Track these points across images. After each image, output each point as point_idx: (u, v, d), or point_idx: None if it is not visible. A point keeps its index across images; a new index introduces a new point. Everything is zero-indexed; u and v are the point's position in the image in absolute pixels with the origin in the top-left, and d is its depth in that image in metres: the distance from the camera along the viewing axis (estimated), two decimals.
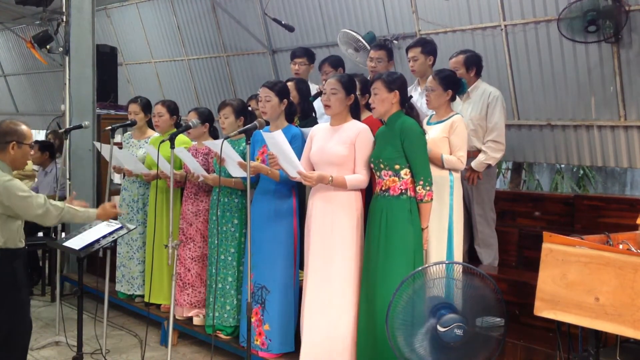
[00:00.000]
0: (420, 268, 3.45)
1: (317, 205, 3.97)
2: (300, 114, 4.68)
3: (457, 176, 4.10)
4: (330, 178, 3.82)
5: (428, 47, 4.87)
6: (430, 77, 4.19)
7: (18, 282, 3.51)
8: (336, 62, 5.45)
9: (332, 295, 3.88)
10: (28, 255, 4.83)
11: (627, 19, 5.03)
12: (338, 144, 3.90)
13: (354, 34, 6.37)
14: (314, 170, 3.97)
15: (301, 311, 4.07)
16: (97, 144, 5.60)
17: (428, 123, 4.24)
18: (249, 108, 4.90)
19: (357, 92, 4.11)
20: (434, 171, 3.95)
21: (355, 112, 4.04)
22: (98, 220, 4.01)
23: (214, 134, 5.14)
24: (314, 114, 4.84)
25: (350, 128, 3.93)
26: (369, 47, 6.16)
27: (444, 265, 3.38)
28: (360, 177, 3.89)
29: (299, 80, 4.89)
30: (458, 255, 4.04)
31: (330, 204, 3.90)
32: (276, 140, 3.80)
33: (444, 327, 3.21)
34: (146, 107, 5.65)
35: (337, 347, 3.87)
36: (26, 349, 3.65)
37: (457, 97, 4.27)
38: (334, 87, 3.93)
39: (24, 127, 3.58)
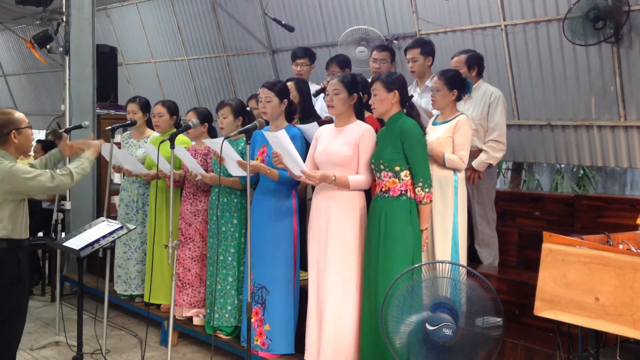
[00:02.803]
0: (419, 264, 3.45)
1: (321, 204, 3.98)
2: (301, 114, 4.68)
3: (461, 176, 4.10)
4: (333, 177, 3.83)
5: (427, 47, 4.88)
6: (436, 78, 4.19)
7: (22, 273, 3.54)
8: (343, 63, 5.46)
9: (335, 294, 3.89)
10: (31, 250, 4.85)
11: (627, 19, 5.03)
12: (342, 145, 3.91)
13: (362, 27, 6.36)
14: (318, 170, 3.97)
15: (307, 310, 4.07)
16: None
17: (434, 123, 4.24)
18: (248, 108, 4.90)
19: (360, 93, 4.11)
20: (438, 171, 3.95)
21: (359, 112, 4.04)
22: (95, 155, 4.02)
23: (213, 134, 5.14)
24: (314, 114, 4.84)
25: (355, 129, 3.94)
26: (381, 36, 6.16)
27: (447, 265, 3.38)
28: (362, 178, 3.90)
29: (299, 80, 4.89)
30: (463, 255, 4.04)
31: (334, 203, 3.91)
32: (280, 139, 3.81)
33: (433, 326, 3.21)
34: (145, 106, 5.65)
35: (342, 346, 3.88)
36: (18, 341, 3.68)
37: (462, 97, 4.27)
38: (337, 87, 3.93)
39: (16, 114, 3.65)
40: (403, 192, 3.76)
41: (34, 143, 3.86)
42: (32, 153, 6.92)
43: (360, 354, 3.86)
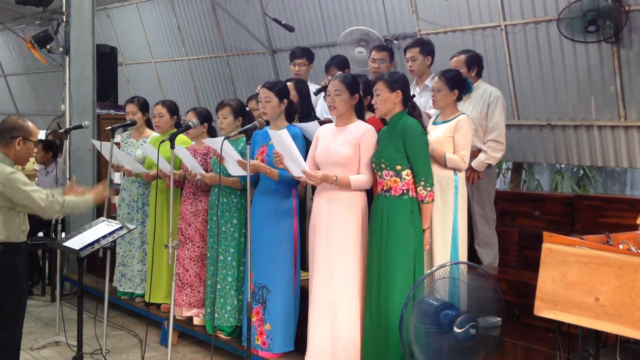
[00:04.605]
0: (422, 278, 3.41)
1: (322, 204, 3.97)
2: (300, 114, 4.68)
3: (461, 176, 4.10)
4: (334, 178, 3.83)
5: (426, 47, 4.88)
6: (436, 78, 4.19)
7: (19, 276, 3.54)
8: (342, 63, 5.46)
9: (337, 294, 3.89)
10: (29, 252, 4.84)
11: (627, 19, 5.02)
12: (343, 145, 3.90)
13: (361, 27, 6.37)
14: (319, 170, 3.97)
15: (308, 310, 4.07)
16: (96, 142, 5.59)
17: (434, 123, 4.24)
18: (247, 108, 4.90)
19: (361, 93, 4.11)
20: (439, 171, 3.95)
21: (359, 111, 4.04)
22: (95, 203, 4.02)
23: (212, 134, 5.14)
24: (313, 114, 4.85)
25: (355, 128, 3.93)
26: (380, 37, 6.16)
27: (447, 266, 3.38)
28: (364, 178, 3.89)
29: (298, 80, 4.90)
30: (463, 255, 4.04)
31: (335, 203, 3.91)
32: (282, 138, 3.81)
33: (460, 328, 3.21)
34: (143, 106, 5.65)
35: (343, 347, 3.88)
36: (19, 342, 3.68)
37: (462, 97, 4.27)
38: (338, 88, 3.93)
39: (30, 124, 3.64)
40: (405, 191, 3.76)
41: (33, 155, 3.83)
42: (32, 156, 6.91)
43: (363, 354, 3.86)
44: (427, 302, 3.27)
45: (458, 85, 4.13)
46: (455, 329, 3.21)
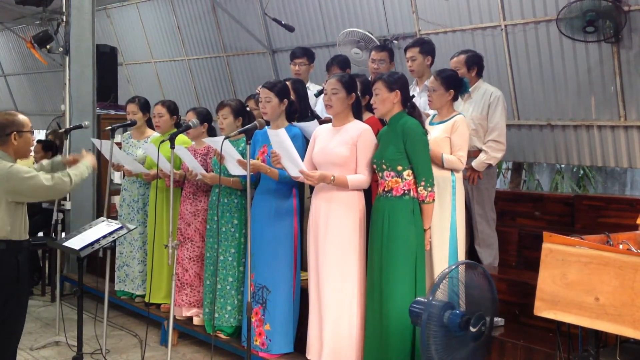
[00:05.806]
0: (438, 280, 3.36)
1: (320, 204, 3.97)
2: (297, 115, 4.68)
3: (459, 176, 4.10)
4: (332, 177, 3.83)
5: (426, 47, 4.88)
6: (432, 78, 4.19)
7: (21, 274, 3.54)
8: (343, 63, 5.46)
9: (336, 294, 3.88)
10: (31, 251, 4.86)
11: (627, 19, 5.03)
12: (340, 145, 3.90)
13: (360, 30, 6.37)
14: (316, 170, 3.97)
15: (309, 311, 4.07)
16: (97, 141, 5.59)
17: (430, 123, 4.23)
18: (247, 108, 4.90)
19: (358, 93, 4.11)
20: (436, 171, 3.95)
21: (357, 111, 4.04)
22: (92, 165, 4.00)
23: (212, 134, 5.13)
24: (310, 113, 4.85)
25: (352, 128, 3.93)
26: (377, 42, 6.16)
27: (447, 270, 3.38)
28: (362, 177, 3.89)
29: (295, 80, 4.89)
30: (462, 255, 4.04)
31: (333, 203, 3.91)
32: (280, 138, 3.81)
33: (475, 327, 3.21)
34: (144, 106, 5.65)
35: (343, 346, 3.88)
36: (18, 341, 3.68)
37: (459, 97, 4.27)
38: (335, 86, 3.93)
39: (20, 116, 3.64)
40: (406, 191, 3.76)
41: (34, 144, 3.84)
42: (32, 153, 6.91)
43: (364, 354, 3.86)
44: (431, 303, 3.27)
45: (454, 85, 4.13)
46: (471, 328, 3.21)
